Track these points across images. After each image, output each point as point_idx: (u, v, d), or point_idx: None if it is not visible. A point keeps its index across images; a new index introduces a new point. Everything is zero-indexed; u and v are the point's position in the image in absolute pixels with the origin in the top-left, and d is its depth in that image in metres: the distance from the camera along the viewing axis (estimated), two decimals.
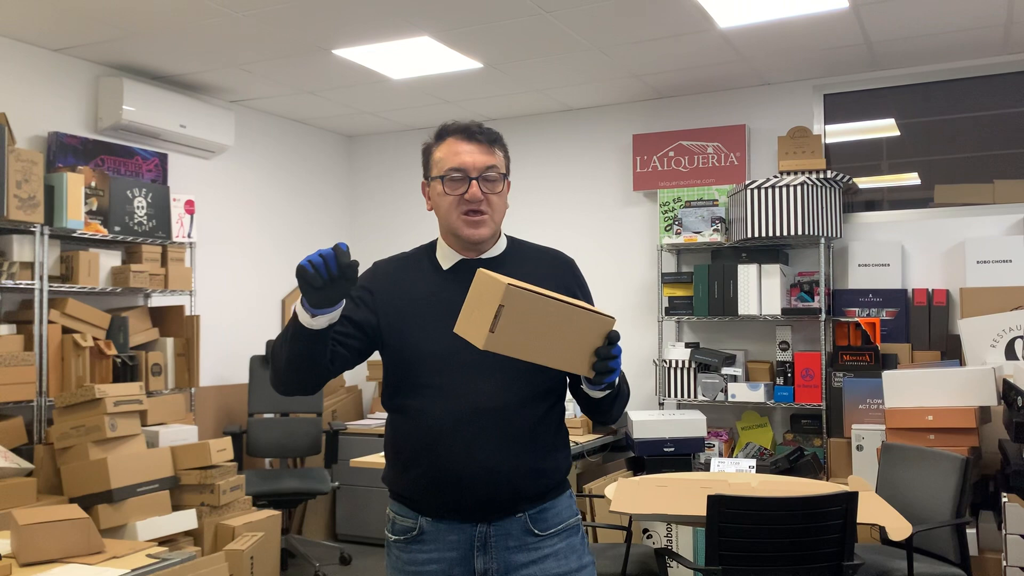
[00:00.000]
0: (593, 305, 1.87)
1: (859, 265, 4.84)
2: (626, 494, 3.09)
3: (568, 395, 1.89)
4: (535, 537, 1.79)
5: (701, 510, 2.66)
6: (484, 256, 1.88)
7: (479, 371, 1.75)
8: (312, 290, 1.60)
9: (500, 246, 1.91)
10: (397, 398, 1.83)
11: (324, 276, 1.58)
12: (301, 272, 1.59)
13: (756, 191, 4.67)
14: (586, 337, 1.58)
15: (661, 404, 5.10)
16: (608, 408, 1.80)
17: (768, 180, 4.66)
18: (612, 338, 1.59)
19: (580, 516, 1.89)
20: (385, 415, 5.70)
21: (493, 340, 1.51)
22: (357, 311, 1.82)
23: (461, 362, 1.75)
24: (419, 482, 1.78)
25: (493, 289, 1.51)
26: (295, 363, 1.73)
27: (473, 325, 1.54)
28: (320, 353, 1.72)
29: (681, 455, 4.40)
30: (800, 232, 4.59)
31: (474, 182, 1.80)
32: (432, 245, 1.93)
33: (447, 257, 1.88)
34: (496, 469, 1.73)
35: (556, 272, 1.92)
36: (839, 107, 5.07)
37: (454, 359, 1.75)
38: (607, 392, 1.73)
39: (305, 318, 1.66)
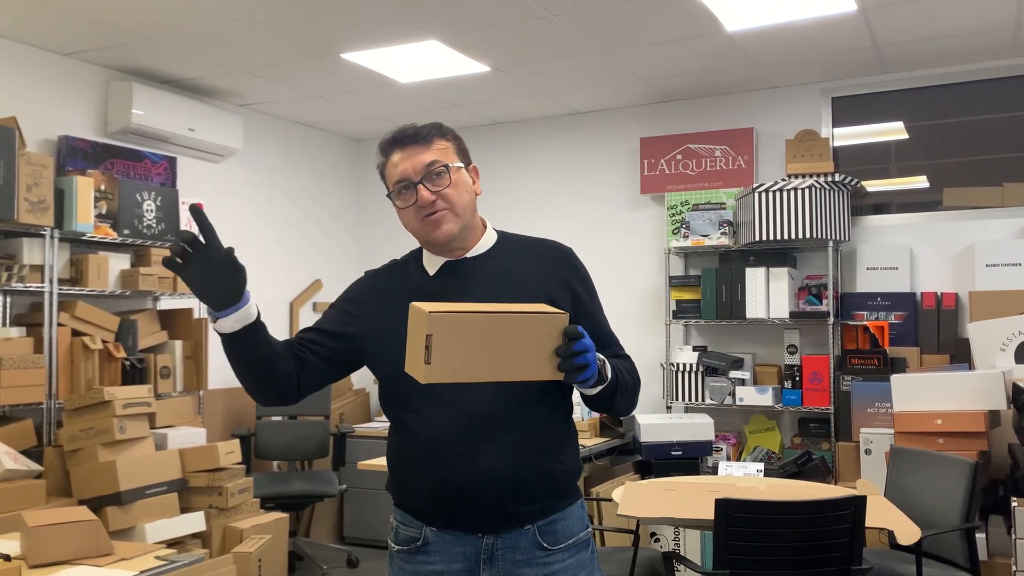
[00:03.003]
0: (594, 299, 1.80)
1: (867, 268, 4.83)
2: (633, 498, 3.09)
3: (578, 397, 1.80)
4: (544, 551, 1.71)
5: (709, 514, 2.65)
6: (470, 255, 1.78)
7: None
8: (179, 269, 1.53)
9: (487, 242, 1.81)
10: (394, 409, 1.77)
11: (178, 248, 1.52)
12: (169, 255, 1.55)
13: (764, 194, 4.67)
14: (542, 341, 1.47)
15: (669, 407, 5.09)
16: (610, 402, 1.71)
17: (776, 183, 4.66)
18: (570, 334, 1.47)
19: (591, 530, 1.82)
20: None
21: (433, 371, 1.42)
22: (333, 321, 1.77)
23: None
24: (422, 493, 1.71)
25: (420, 320, 1.43)
26: (237, 370, 1.68)
27: (414, 361, 1.46)
28: (255, 359, 1.66)
29: (689, 459, 4.39)
30: (808, 235, 4.58)
31: (420, 186, 1.71)
32: (419, 252, 1.85)
33: (432, 262, 1.80)
34: (501, 474, 1.66)
35: (549, 264, 1.80)
36: (847, 110, 5.06)
37: None
38: (602, 387, 1.64)
39: (218, 326, 1.61)
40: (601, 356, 1.63)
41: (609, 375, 1.66)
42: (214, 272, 1.54)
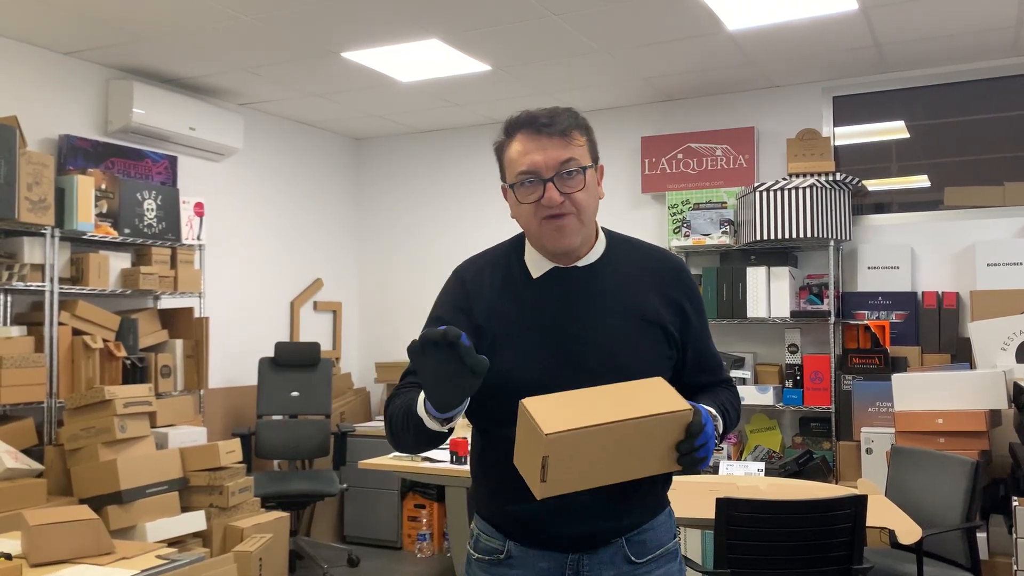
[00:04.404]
0: (703, 320, 1.72)
1: (868, 268, 4.83)
2: None
3: None
4: (632, 565, 1.61)
5: (709, 513, 2.65)
6: (579, 264, 1.64)
7: None
8: (418, 358, 1.36)
9: (597, 250, 1.67)
10: (484, 419, 1.66)
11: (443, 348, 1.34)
12: (415, 354, 1.36)
13: (765, 193, 4.67)
14: (663, 438, 1.39)
15: None
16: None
17: (777, 182, 4.65)
18: (693, 431, 1.38)
19: (678, 539, 1.73)
20: None
21: (550, 488, 1.36)
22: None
23: (555, 390, 1.48)
24: (508, 510, 1.63)
25: (536, 436, 1.32)
26: (425, 447, 1.57)
27: (527, 464, 1.37)
28: (442, 436, 1.55)
29: None
30: (809, 234, 4.58)
31: (549, 184, 1.55)
32: (520, 244, 1.68)
33: (537, 264, 1.65)
34: (592, 505, 1.55)
35: (661, 282, 1.67)
36: (848, 109, 5.06)
37: (547, 386, 1.48)
38: None
39: (433, 424, 1.47)
40: (713, 412, 1.55)
41: (721, 430, 1.60)
42: (457, 379, 1.38)
